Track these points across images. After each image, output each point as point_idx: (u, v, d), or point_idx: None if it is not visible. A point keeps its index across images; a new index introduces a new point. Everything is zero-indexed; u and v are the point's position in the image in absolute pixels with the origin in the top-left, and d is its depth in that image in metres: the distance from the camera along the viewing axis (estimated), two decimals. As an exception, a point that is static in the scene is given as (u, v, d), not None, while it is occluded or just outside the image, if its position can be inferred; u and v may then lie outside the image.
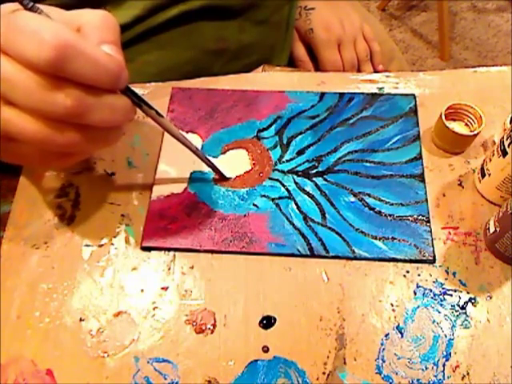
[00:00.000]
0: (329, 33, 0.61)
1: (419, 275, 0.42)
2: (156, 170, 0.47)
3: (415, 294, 0.41)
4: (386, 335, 0.39)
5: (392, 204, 0.45)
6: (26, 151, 0.32)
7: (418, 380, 0.38)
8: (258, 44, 0.59)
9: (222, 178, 0.47)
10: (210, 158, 0.45)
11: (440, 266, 0.42)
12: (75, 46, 0.28)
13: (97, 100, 0.30)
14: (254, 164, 0.48)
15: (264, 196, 0.46)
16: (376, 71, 0.64)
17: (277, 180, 0.47)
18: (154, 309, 0.41)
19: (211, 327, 0.40)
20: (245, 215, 0.45)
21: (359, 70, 0.63)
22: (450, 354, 0.39)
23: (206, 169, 0.47)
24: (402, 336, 0.39)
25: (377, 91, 0.52)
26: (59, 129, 0.30)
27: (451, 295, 0.41)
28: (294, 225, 0.44)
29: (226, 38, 0.56)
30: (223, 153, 0.49)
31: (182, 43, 0.54)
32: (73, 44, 0.28)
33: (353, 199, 0.45)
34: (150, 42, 0.53)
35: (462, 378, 0.38)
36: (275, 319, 0.40)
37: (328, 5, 0.63)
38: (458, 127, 0.47)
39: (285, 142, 0.49)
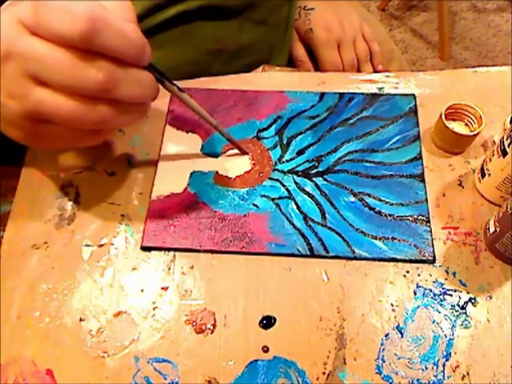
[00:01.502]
0: (328, 33, 0.61)
1: (419, 275, 0.42)
2: (156, 170, 0.47)
3: (415, 294, 0.41)
4: (386, 335, 0.39)
5: (392, 204, 0.45)
6: (57, 132, 0.33)
7: (417, 380, 0.38)
8: (257, 44, 0.59)
9: (243, 153, 0.48)
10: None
11: (440, 266, 0.42)
12: (105, 18, 0.28)
13: (126, 74, 0.31)
14: (253, 164, 0.48)
15: (264, 196, 0.46)
16: (376, 71, 0.63)
17: (277, 180, 0.47)
18: (153, 309, 0.41)
19: (211, 327, 0.40)
20: (245, 215, 0.45)
21: (359, 71, 0.63)
22: (450, 353, 0.39)
23: (206, 169, 0.47)
24: (401, 336, 0.39)
25: (377, 91, 0.52)
26: (92, 105, 0.31)
27: (451, 295, 0.41)
28: (294, 225, 0.44)
29: (225, 38, 0.56)
30: (223, 153, 0.49)
31: (180, 43, 0.54)
32: (103, 17, 0.28)
33: (353, 199, 0.45)
34: (148, 42, 0.53)
35: (462, 378, 0.38)
36: (275, 319, 0.40)
37: (328, 5, 0.63)
38: (458, 127, 0.47)
39: (285, 141, 0.49)
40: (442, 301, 0.41)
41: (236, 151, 0.48)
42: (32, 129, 0.33)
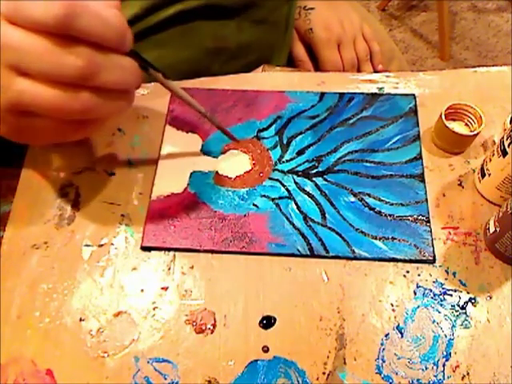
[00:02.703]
0: (329, 33, 0.61)
1: (419, 275, 0.42)
2: (156, 170, 0.47)
3: (415, 294, 0.41)
4: (386, 335, 0.39)
5: (392, 204, 0.45)
6: (41, 125, 0.32)
7: (418, 380, 0.38)
8: (256, 43, 0.59)
9: (234, 140, 0.47)
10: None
11: (440, 266, 0.42)
12: (83, 3, 0.28)
13: (106, 60, 0.30)
14: (254, 164, 0.48)
15: (264, 196, 0.46)
16: (376, 71, 0.63)
17: (277, 180, 0.47)
18: (154, 309, 0.41)
19: (211, 327, 0.40)
20: (245, 215, 0.45)
21: (359, 70, 0.63)
22: (450, 353, 0.39)
23: (206, 169, 0.47)
24: (401, 336, 0.39)
25: (377, 91, 0.52)
26: (74, 93, 0.30)
27: (451, 295, 0.41)
28: (294, 225, 0.44)
29: (225, 38, 0.56)
30: (223, 153, 0.49)
31: (180, 42, 0.54)
32: (80, 1, 0.28)
33: (353, 199, 0.45)
34: (148, 41, 0.53)
35: (462, 378, 0.38)
36: (275, 319, 0.40)
37: (327, 5, 0.63)
38: (458, 127, 0.47)
39: (285, 142, 0.49)
40: (442, 301, 0.41)
41: (236, 151, 0.48)
42: (15, 122, 0.32)
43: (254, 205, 0.45)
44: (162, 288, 0.42)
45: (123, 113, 0.34)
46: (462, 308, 0.40)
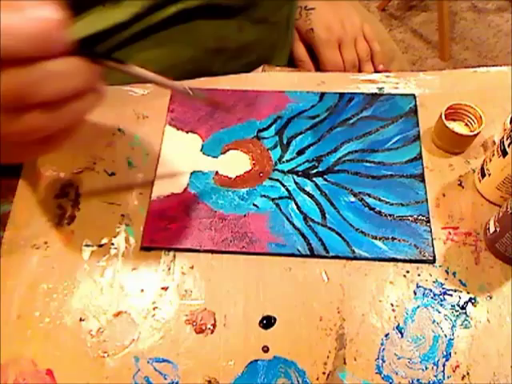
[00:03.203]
0: (329, 33, 0.61)
1: (419, 275, 0.42)
2: (156, 170, 0.47)
3: (415, 294, 0.41)
4: (386, 335, 0.39)
5: (392, 204, 0.45)
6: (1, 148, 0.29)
7: (417, 380, 0.38)
8: (257, 43, 0.59)
9: (215, 106, 0.44)
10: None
11: (440, 266, 0.42)
12: None
13: (36, 72, 0.26)
14: (254, 164, 0.48)
15: (264, 196, 0.46)
16: (377, 71, 0.64)
17: (277, 180, 0.47)
18: (154, 309, 0.41)
19: (211, 327, 0.40)
20: (245, 215, 0.45)
21: (360, 70, 0.63)
22: (450, 353, 0.39)
23: (206, 169, 0.47)
24: (401, 336, 0.39)
25: (377, 91, 0.52)
26: (17, 117, 0.27)
27: (451, 295, 0.41)
28: (294, 225, 0.44)
29: (226, 37, 0.56)
30: (223, 153, 0.49)
31: (181, 41, 0.54)
32: None
33: (353, 199, 0.45)
34: (148, 40, 0.53)
35: (462, 378, 0.38)
36: (275, 319, 0.40)
37: (328, 5, 0.63)
38: (458, 127, 0.47)
39: (285, 142, 0.49)
40: (442, 301, 0.41)
41: (236, 151, 0.48)
42: None
43: (254, 205, 0.45)
44: (162, 288, 0.42)
45: (93, 109, 0.32)
46: (462, 308, 0.40)
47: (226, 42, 0.56)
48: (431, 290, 0.41)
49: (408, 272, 0.42)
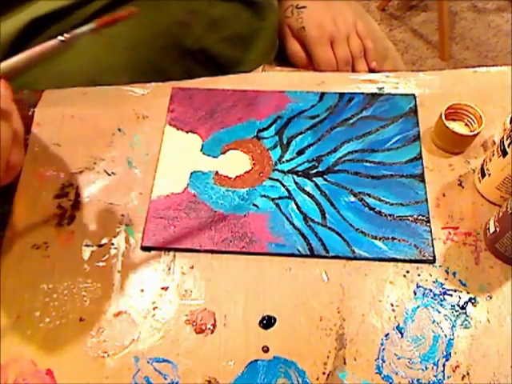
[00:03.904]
0: (321, 30, 0.61)
1: (419, 275, 0.42)
2: (156, 170, 0.47)
3: (415, 294, 0.41)
4: (386, 335, 0.39)
5: (392, 204, 0.45)
6: None
7: (417, 380, 0.38)
8: (230, 19, 0.57)
9: (130, 13, 0.37)
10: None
11: (440, 266, 0.42)
12: None
13: None
14: (253, 164, 0.48)
15: (264, 196, 0.46)
16: (370, 68, 0.63)
17: (277, 180, 0.47)
18: (153, 309, 0.41)
19: (211, 327, 0.40)
20: (245, 215, 0.45)
21: (353, 67, 0.63)
22: (450, 353, 0.39)
23: (206, 169, 0.47)
24: (402, 336, 0.39)
25: (377, 91, 0.52)
26: None
27: (451, 295, 0.41)
28: (294, 225, 0.44)
29: (196, 11, 0.55)
30: (223, 153, 0.49)
31: (150, 14, 0.53)
32: None
33: (353, 199, 0.45)
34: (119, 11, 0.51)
35: (462, 378, 0.38)
36: (275, 319, 0.40)
37: (320, 3, 0.62)
38: (457, 127, 0.47)
39: (285, 142, 0.49)
40: (442, 301, 0.41)
41: (236, 151, 0.48)
42: None
43: (254, 205, 0.45)
44: (162, 288, 0.42)
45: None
46: (462, 308, 0.40)
47: (197, 16, 0.55)
48: (431, 290, 0.41)
49: (408, 272, 0.42)
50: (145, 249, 0.44)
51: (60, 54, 0.50)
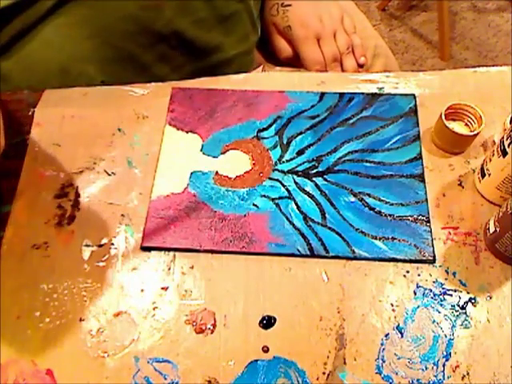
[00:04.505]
0: (306, 29, 0.60)
1: (419, 275, 0.42)
2: (156, 170, 0.47)
3: (415, 294, 0.41)
4: (386, 335, 0.39)
5: (392, 204, 0.45)
6: None
7: (418, 380, 0.38)
8: (198, 3, 0.55)
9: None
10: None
11: (440, 266, 0.42)
12: None
13: None
14: (253, 164, 0.48)
15: (264, 196, 0.46)
16: (358, 64, 0.63)
17: (277, 180, 0.47)
18: (153, 309, 0.41)
19: (211, 327, 0.40)
20: (245, 215, 0.45)
21: (341, 64, 0.62)
22: (450, 353, 0.39)
23: (206, 169, 0.47)
24: (401, 336, 0.39)
25: (377, 91, 0.52)
26: None
27: (451, 295, 0.41)
28: (294, 225, 0.44)
29: None
30: (223, 153, 0.49)
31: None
32: None
33: (353, 199, 0.45)
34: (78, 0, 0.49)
35: (462, 378, 0.38)
36: (275, 319, 0.40)
37: (306, 0, 0.61)
38: (457, 127, 0.47)
39: (285, 142, 0.49)
40: (442, 301, 0.41)
41: (236, 151, 0.48)
42: None
43: (254, 205, 0.45)
44: (162, 288, 0.42)
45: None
46: (462, 308, 0.40)
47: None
48: (431, 290, 0.41)
49: (408, 272, 0.42)
50: (145, 249, 0.44)
51: (25, 47, 0.48)
